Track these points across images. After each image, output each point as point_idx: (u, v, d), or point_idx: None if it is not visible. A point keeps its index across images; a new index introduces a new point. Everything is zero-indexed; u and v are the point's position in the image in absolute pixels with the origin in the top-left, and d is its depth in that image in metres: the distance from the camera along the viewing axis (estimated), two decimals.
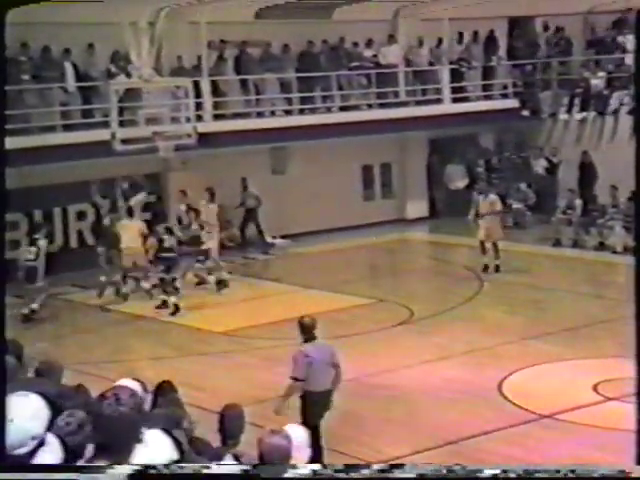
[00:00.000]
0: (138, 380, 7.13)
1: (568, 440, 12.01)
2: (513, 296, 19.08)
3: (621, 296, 18.46)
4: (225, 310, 18.31)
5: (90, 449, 4.57)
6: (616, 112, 25.42)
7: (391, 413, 13.14)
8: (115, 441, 4.09)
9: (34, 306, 17.91)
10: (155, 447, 4.78)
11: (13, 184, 21.51)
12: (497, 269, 20.47)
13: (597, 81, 26.31)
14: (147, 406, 6.72)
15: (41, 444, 4.23)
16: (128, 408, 4.19)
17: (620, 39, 26.88)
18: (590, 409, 13.09)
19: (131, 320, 18.39)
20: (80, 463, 4.19)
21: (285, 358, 15.73)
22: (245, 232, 23.71)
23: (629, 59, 25.94)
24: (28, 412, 4.25)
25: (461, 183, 27.53)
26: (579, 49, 28.50)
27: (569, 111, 26.56)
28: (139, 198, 20.33)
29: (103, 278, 19.00)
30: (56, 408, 4.65)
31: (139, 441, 4.21)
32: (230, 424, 7.52)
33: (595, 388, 13.78)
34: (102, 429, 4.13)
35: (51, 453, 4.38)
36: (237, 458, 6.50)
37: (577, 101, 26.45)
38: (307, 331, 11.11)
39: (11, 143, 18.59)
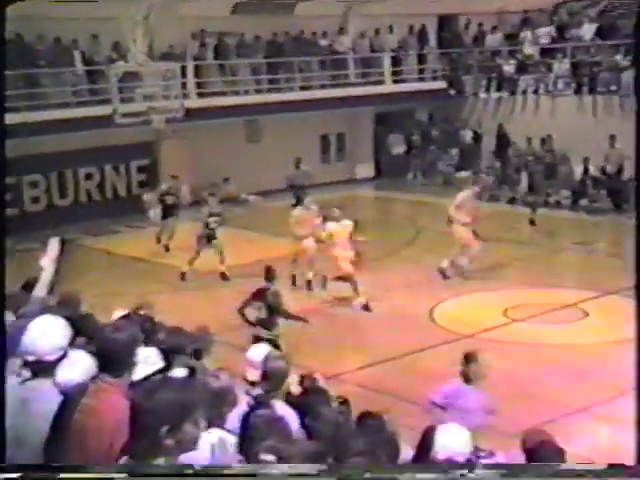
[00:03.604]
0: (136, 312, 7.14)
1: (486, 353, 12.19)
2: (442, 242, 19.14)
3: (525, 239, 18.76)
4: (208, 253, 18.28)
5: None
6: (524, 92, 25.63)
7: (344, 335, 13.26)
8: (114, 361, 4.11)
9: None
10: (147, 362, 4.83)
11: (32, 151, 21.23)
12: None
13: (508, 67, 26.44)
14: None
15: (64, 356, 4.26)
16: (125, 335, 4.24)
17: (522, 34, 27.03)
18: (501, 329, 13.34)
19: (131, 261, 18.39)
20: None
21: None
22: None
23: (531, 50, 26.29)
24: (57, 328, 4.29)
25: (401, 149, 27.70)
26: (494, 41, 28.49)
27: (487, 91, 26.67)
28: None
29: None
30: (77, 330, 4.70)
31: (134, 364, 4.23)
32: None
33: (505, 313, 14.02)
34: (104, 351, 4.17)
35: (72, 366, 4.42)
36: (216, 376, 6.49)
37: (493, 83, 26.56)
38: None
39: (31, 117, 18.37)
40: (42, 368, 4.15)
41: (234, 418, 4.89)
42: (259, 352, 6.68)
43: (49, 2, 19.69)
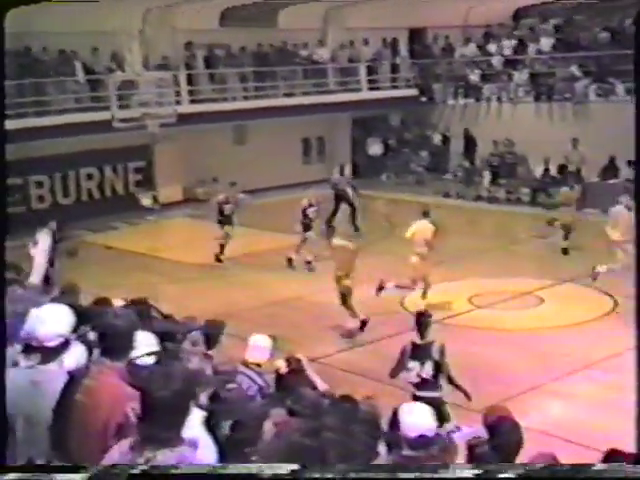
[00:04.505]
0: (136, 301, 7.17)
1: (451, 338, 12.29)
2: None
3: (489, 232, 18.88)
4: (198, 247, 18.32)
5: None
6: (488, 99, 25.78)
7: (322, 322, 13.23)
8: (113, 345, 4.13)
9: None
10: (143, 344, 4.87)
11: (37, 153, 21.06)
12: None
13: (474, 77, 26.57)
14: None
15: (67, 343, 4.24)
16: (124, 322, 4.27)
17: (489, 47, 27.23)
18: (465, 315, 13.47)
19: (129, 255, 18.40)
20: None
21: (243, 282, 15.89)
22: (334, 218, 20.49)
23: (494, 61, 26.43)
24: (57, 316, 4.26)
25: (378, 151, 27.77)
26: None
27: (455, 98, 26.78)
28: None
29: None
30: (82, 318, 4.69)
31: (132, 348, 4.21)
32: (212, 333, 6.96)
33: (470, 300, 14.15)
34: (105, 336, 4.19)
35: (73, 355, 4.45)
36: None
37: (460, 91, 26.67)
38: None
39: (37, 122, 18.25)
40: (44, 353, 4.15)
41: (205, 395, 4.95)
42: (260, 338, 6.86)
43: (53, 16, 19.66)
